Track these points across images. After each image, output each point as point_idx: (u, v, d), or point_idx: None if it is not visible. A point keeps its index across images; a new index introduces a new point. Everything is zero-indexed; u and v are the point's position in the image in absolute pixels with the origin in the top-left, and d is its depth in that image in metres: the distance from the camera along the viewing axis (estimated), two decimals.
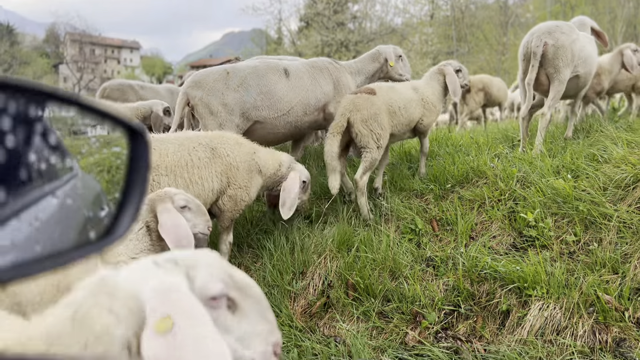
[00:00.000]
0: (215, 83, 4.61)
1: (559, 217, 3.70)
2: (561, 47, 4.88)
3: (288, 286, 3.65)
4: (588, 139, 5.00)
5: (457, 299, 3.29)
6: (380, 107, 4.37)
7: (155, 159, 3.47)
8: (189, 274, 1.22)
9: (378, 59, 5.73)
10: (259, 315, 1.37)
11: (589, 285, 2.96)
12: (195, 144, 3.67)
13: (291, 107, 4.87)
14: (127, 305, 1.07)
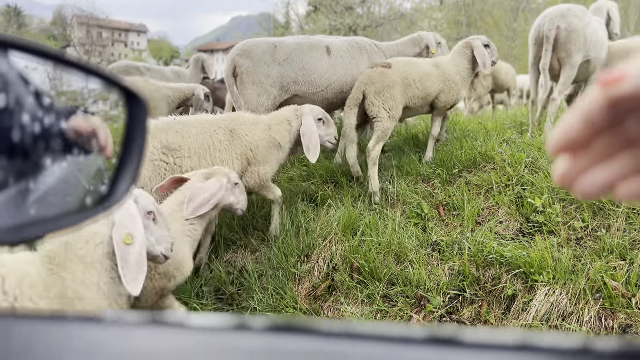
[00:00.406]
0: (263, 54, 4.72)
1: (567, 203, 3.66)
2: (574, 31, 4.79)
3: (293, 269, 3.65)
4: None
5: (462, 283, 3.28)
6: (394, 80, 4.44)
7: (179, 140, 3.58)
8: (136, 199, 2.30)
9: (419, 44, 5.76)
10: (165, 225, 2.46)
11: (596, 271, 2.94)
12: (216, 127, 3.77)
13: (329, 84, 4.97)
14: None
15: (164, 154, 3.54)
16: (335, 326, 0.42)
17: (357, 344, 0.39)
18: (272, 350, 0.38)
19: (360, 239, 3.74)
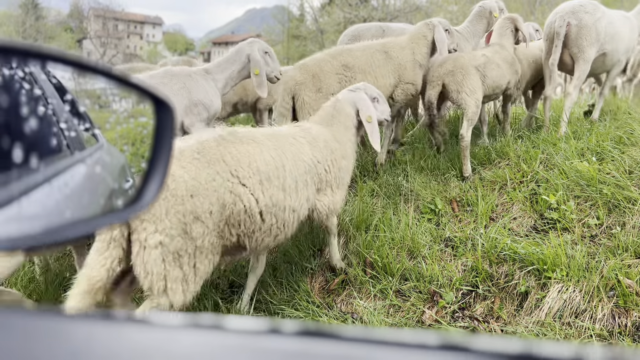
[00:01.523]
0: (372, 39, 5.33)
1: (582, 200, 3.65)
2: (584, 27, 4.81)
3: (307, 263, 3.69)
4: (615, 121, 4.89)
5: (475, 279, 3.29)
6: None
7: (351, 60, 4.65)
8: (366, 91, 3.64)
9: (485, 14, 5.89)
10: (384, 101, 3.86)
11: (610, 269, 2.93)
12: (374, 50, 4.81)
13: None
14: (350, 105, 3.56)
15: (344, 70, 4.58)
16: (363, 332, 0.45)
17: (382, 350, 0.42)
18: (303, 353, 0.42)
19: (374, 234, 3.77)
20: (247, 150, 2.79)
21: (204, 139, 2.71)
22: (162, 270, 2.48)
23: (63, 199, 0.72)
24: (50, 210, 0.68)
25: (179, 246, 2.49)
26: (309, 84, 4.40)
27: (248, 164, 2.75)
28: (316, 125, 3.41)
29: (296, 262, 3.73)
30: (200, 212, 2.53)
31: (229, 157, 2.71)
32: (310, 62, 4.60)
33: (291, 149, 3.04)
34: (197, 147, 2.63)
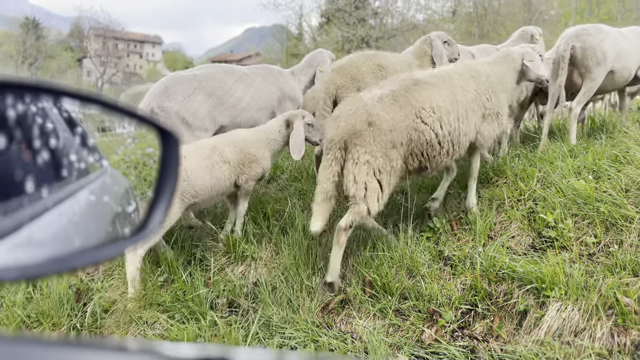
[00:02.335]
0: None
1: (579, 218, 3.68)
2: (589, 48, 5.13)
3: (307, 281, 3.69)
4: (611, 139, 4.94)
5: (474, 298, 3.30)
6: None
7: (384, 62, 4.95)
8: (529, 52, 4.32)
9: (526, 38, 6.21)
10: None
11: (608, 288, 2.94)
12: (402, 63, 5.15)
13: None
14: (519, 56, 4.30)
15: (379, 70, 4.77)
16: None
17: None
18: None
19: (373, 252, 3.78)
20: (427, 94, 3.66)
21: (396, 88, 3.66)
22: (365, 181, 3.50)
23: (70, 226, 0.75)
24: (57, 237, 0.70)
25: (380, 165, 3.51)
26: (349, 86, 4.68)
27: (429, 105, 3.64)
28: (482, 63, 4.25)
29: (296, 281, 3.73)
30: (396, 142, 3.54)
31: (414, 101, 3.61)
32: (347, 65, 4.80)
33: (459, 83, 3.84)
34: (392, 95, 3.62)
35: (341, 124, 3.60)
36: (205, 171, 3.91)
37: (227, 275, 3.93)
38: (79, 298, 4.04)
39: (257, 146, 4.22)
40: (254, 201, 4.83)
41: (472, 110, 3.86)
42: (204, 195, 3.94)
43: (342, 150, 3.56)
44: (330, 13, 48.40)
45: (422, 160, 3.73)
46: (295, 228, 4.16)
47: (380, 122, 3.47)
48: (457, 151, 3.87)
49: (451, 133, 3.73)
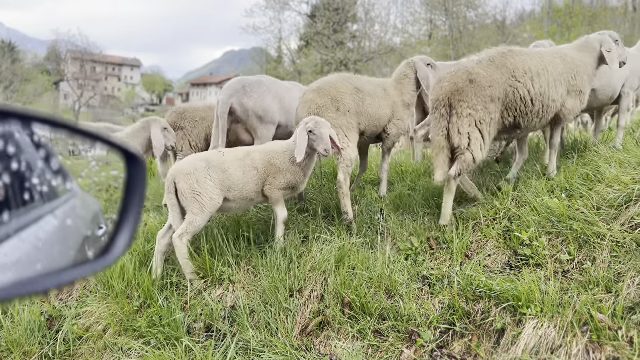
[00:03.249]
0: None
1: (553, 236, 3.74)
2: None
3: (285, 303, 3.66)
4: (582, 158, 5.06)
5: (452, 317, 3.31)
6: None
7: (359, 85, 4.99)
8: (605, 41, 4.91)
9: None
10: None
11: (582, 304, 2.98)
12: (375, 87, 5.16)
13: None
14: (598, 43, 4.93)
15: (356, 92, 4.88)
16: None
17: None
18: None
19: (352, 273, 3.78)
20: (521, 59, 4.27)
21: (493, 54, 4.33)
22: (469, 131, 4.09)
23: (33, 251, 0.74)
24: (19, 262, 0.69)
25: (480, 117, 4.08)
26: (329, 106, 4.85)
27: (522, 67, 4.22)
28: (567, 48, 4.88)
29: (274, 303, 3.70)
30: (494, 96, 4.10)
31: (509, 64, 4.22)
32: (327, 86, 4.99)
33: (549, 59, 4.46)
34: (489, 58, 4.27)
35: (444, 84, 4.20)
36: (239, 169, 4.20)
37: (204, 298, 3.87)
38: (51, 325, 3.94)
39: (282, 158, 4.35)
40: (232, 223, 4.80)
41: (559, 82, 4.40)
42: (236, 191, 4.20)
43: (447, 107, 4.17)
44: (309, 36, 49.03)
45: (516, 116, 4.29)
46: (273, 249, 4.14)
47: (480, 79, 4.07)
48: (545, 114, 4.42)
49: (542, 94, 4.28)
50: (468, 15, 48.69)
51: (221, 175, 4.12)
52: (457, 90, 4.10)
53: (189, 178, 4.02)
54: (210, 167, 4.09)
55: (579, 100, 4.62)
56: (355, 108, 4.84)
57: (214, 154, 4.24)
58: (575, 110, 4.65)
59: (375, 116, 5.01)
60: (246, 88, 5.53)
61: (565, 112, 4.58)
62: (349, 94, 4.91)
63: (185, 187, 4.01)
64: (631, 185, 3.77)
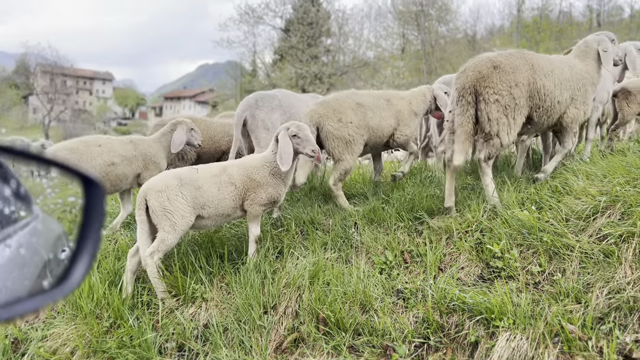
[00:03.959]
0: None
1: (524, 248, 3.79)
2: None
3: (259, 321, 3.62)
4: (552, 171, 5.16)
5: (426, 331, 3.31)
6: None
7: (362, 100, 5.43)
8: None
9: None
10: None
11: (553, 316, 3.02)
12: (376, 99, 5.55)
13: None
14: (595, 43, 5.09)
15: (358, 107, 5.29)
16: None
17: None
18: None
19: (326, 288, 3.76)
20: (535, 57, 4.60)
21: (510, 51, 4.62)
22: (497, 117, 4.32)
23: None
24: None
25: (507, 102, 4.30)
26: (331, 116, 5.20)
27: (537, 63, 4.51)
28: (575, 58, 5.04)
29: (248, 320, 3.65)
30: (518, 81, 4.34)
31: (527, 57, 4.54)
32: (331, 100, 5.40)
33: (558, 65, 4.70)
34: (509, 52, 4.57)
35: (469, 73, 4.41)
36: (214, 185, 4.14)
37: (177, 317, 3.80)
38: (17, 348, 3.81)
39: (262, 172, 4.33)
40: (205, 239, 4.74)
41: (565, 87, 4.65)
42: (211, 208, 4.14)
43: (473, 94, 4.37)
44: (283, 50, 49.25)
45: (531, 106, 4.52)
46: (247, 266, 4.10)
47: (504, 66, 4.33)
48: (552, 113, 4.66)
49: (552, 92, 4.53)
50: (440, 30, 49.71)
51: (194, 193, 4.04)
52: (482, 78, 4.32)
53: (160, 196, 3.94)
54: (182, 185, 4.01)
55: (582, 112, 4.85)
56: (357, 121, 5.23)
57: (187, 171, 4.17)
58: (578, 119, 4.84)
59: (378, 128, 5.44)
60: (259, 102, 6.04)
61: (567, 119, 4.80)
62: (351, 109, 5.27)
63: (157, 205, 3.93)
64: (598, 197, 3.86)
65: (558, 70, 4.61)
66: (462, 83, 4.45)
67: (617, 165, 4.20)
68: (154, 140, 5.89)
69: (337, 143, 5.12)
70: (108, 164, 5.22)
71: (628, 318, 2.93)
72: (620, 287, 3.09)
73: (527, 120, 4.63)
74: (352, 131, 5.18)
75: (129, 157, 5.45)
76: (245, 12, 50.36)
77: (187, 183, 4.04)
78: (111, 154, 5.29)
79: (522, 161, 5.73)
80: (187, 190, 4.01)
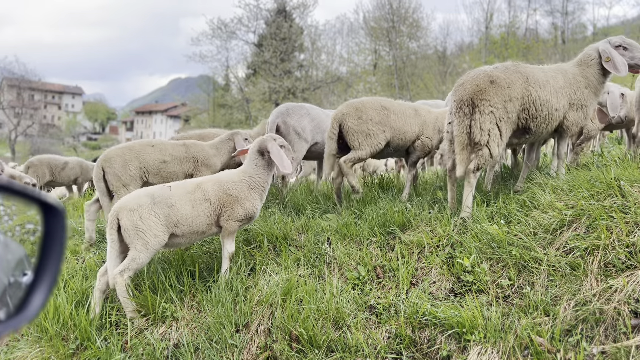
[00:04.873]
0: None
1: (494, 262, 3.84)
2: None
3: (231, 339, 3.57)
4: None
5: (399, 346, 3.32)
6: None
7: (388, 105, 5.95)
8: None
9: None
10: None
11: (523, 329, 3.06)
12: (405, 108, 6.04)
13: None
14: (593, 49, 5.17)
15: (382, 109, 5.83)
16: None
17: None
18: None
19: (299, 305, 3.74)
20: (528, 70, 4.74)
21: (506, 64, 4.77)
22: (489, 128, 4.45)
23: None
24: None
25: (500, 115, 4.48)
26: (353, 114, 5.76)
27: (531, 76, 4.66)
28: (569, 65, 5.15)
29: (219, 339, 3.60)
30: (513, 96, 4.51)
31: (522, 71, 4.68)
32: (356, 101, 5.98)
33: (551, 73, 4.85)
34: (504, 66, 4.71)
35: (467, 86, 4.59)
36: (188, 203, 4.12)
37: (146, 337, 3.72)
38: None
39: (240, 187, 4.34)
40: (176, 257, 4.67)
41: (561, 94, 4.83)
42: (184, 226, 4.12)
43: (470, 106, 4.54)
44: (256, 65, 49.32)
45: (527, 118, 4.70)
46: (218, 284, 4.05)
47: (500, 81, 4.52)
48: (550, 120, 4.82)
49: (548, 101, 4.71)
50: (411, 46, 50.56)
51: (167, 211, 4.01)
52: (479, 91, 4.52)
53: (133, 215, 3.88)
54: (155, 203, 3.96)
55: (582, 114, 5.03)
56: (378, 119, 5.74)
57: (160, 189, 4.12)
58: (579, 122, 5.04)
59: (401, 130, 5.87)
60: (289, 110, 6.96)
61: (568, 124, 4.99)
62: (373, 109, 5.82)
63: (129, 224, 3.88)
64: (564, 211, 3.95)
65: (553, 80, 4.82)
66: (460, 95, 4.65)
67: (582, 180, 4.31)
68: (210, 145, 6.39)
69: (357, 136, 5.70)
70: (160, 161, 5.90)
71: (594, 330, 2.99)
72: (587, 299, 3.16)
73: (525, 130, 4.83)
74: (371, 126, 5.70)
75: (180, 157, 6.04)
76: (218, 26, 50.25)
77: (160, 201, 3.99)
78: (163, 153, 5.96)
79: (491, 175, 5.83)
80: (160, 208, 3.96)
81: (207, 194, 4.22)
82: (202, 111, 58.70)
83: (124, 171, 5.67)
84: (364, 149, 5.75)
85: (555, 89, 4.79)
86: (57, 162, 11.13)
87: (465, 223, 4.40)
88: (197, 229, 4.20)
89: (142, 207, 3.92)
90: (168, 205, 4.02)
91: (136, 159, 5.79)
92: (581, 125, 5.14)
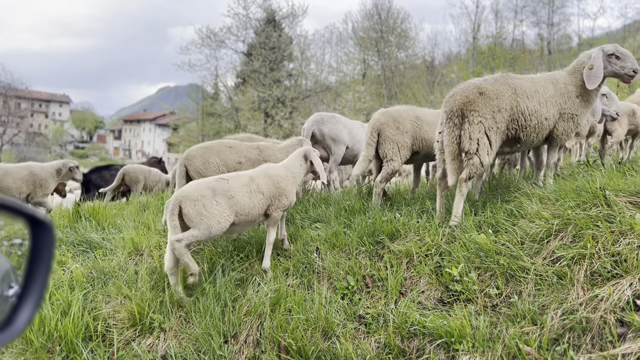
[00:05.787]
0: None
1: (482, 271, 3.86)
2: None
3: (219, 350, 3.54)
4: (509, 193, 5.31)
5: (388, 356, 3.32)
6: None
7: (421, 115, 6.26)
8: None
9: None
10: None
11: (511, 338, 3.08)
12: (435, 117, 6.15)
13: None
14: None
15: (416, 120, 6.19)
16: None
17: None
18: None
19: (288, 316, 3.72)
20: (517, 81, 4.88)
21: (496, 76, 4.93)
22: (478, 138, 4.59)
23: None
24: None
25: (489, 125, 4.61)
26: (390, 124, 6.11)
27: (520, 87, 4.80)
28: (560, 73, 5.22)
29: (208, 350, 3.57)
30: (501, 107, 4.65)
31: (510, 82, 4.81)
32: (393, 111, 6.29)
33: (541, 83, 4.98)
34: (493, 78, 4.88)
35: (457, 97, 4.72)
36: (246, 195, 4.50)
37: (134, 349, 3.68)
38: None
39: (286, 181, 4.88)
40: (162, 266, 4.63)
41: (551, 103, 4.93)
42: (242, 215, 4.47)
43: (460, 117, 4.67)
44: (245, 74, 49.32)
45: (517, 129, 4.83)
46: (206, 294, 4.02)
47: (488, 92, 4.65)
48: (540, 130, 4.94)
49: (537, 111, 4.83)
50: (399, 56, 50.96)
51: (229, 202, 4.35)
52: (469, 102, 4.65)
53: (197, 204, 4.17)
54: (216, 195, 4.26)
55: (573, 124, 5.10)
56: (412, 131, 6.08)
57: (217, 182, 4.43)
58: (569, 132, 5.11)
59: (432, 140, 6.07)
60: (324, 119, 7.89)
61: (558, 133, 5.08)
62: (409, 120, 6.13)
63: (193, 212, 4.17)
64: (551, 220, 3.99)
65: (542, 90, 4.91)
66: (450, 106, 4.77)
67: (568, 189, 4.36)
68: (280, 149, 6.70)
69: (392, 146, 6.04)
70: (237, 162, 6.35)
71: (581, 338, 3.01)
72: (574, 308, 3.18)
73: (516, 140, 4.93)
74: (406, 139, 6.06)
75: (253, 159, 6.42)
76: (207, 35, 50.22)
77: (221, 193, 4.31)
78: (239, 154, 6.39)
79: (479, 184, 5.87)
80: (222, 199, 4.28)
81: (260, 187, 4.62)
82: (191, 120, 58.51)
83: (205, 168, 6.14)
84: (396, 160, 6.05)
85: (545, 99, 4.89)
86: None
87: (453, 232, 4.42)
88: (251, 219, 4.58)
89: (205, 198, 4.23)
90: (228, 196, 4.36)
91: (217, 157, 6.30)
92: (571, 135, 5.21)
